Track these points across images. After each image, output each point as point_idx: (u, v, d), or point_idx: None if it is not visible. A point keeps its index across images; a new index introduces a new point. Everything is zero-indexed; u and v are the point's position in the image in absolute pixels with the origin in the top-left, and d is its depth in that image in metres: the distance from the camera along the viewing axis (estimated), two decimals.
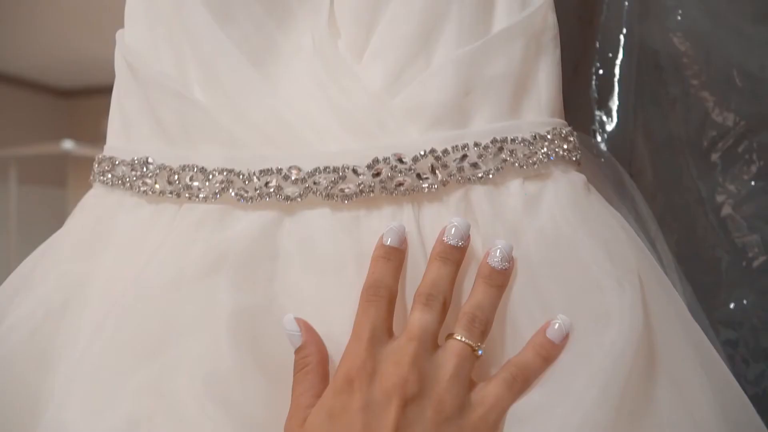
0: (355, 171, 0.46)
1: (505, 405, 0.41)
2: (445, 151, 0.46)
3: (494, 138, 0.47)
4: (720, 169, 0.64)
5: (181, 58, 0.52)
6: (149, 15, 0.54)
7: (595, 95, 0.66)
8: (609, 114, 0.66)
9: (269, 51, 0.51)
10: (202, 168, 0.48)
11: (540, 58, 0.51)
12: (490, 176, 0.47)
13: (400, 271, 0.45)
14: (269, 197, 0.47)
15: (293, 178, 0.46)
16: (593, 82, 0.66)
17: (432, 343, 0.42)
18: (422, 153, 0.46)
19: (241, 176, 0.47)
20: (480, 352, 0.42)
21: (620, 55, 0.65)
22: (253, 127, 0.49)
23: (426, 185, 0.46)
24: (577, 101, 0.67)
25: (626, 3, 0.65)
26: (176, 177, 0.49)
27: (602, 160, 0.64)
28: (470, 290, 0.44)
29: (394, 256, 0.44)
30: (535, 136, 0.48)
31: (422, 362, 0.41)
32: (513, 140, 0.47)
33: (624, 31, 0.65)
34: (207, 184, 0.48)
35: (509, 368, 0.42)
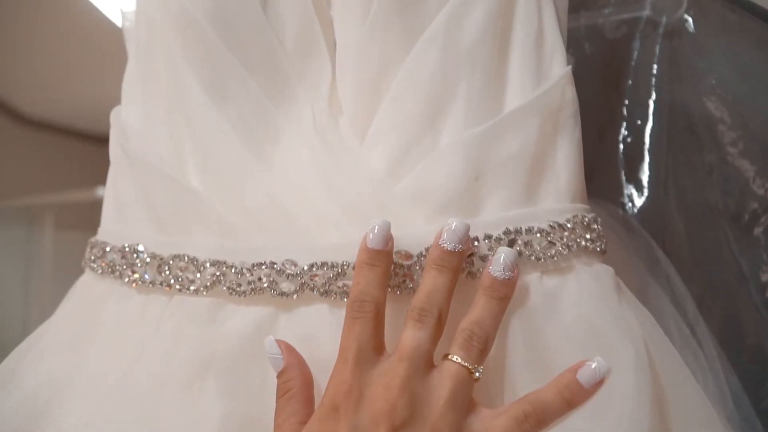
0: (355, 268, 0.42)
1: None
2: None
3: (507, 229, 0.43)
4: (763, 244, 0.58)
5: (178, 138, 0.50)
6: (146, 93, 0.52)
7: (623, 164, 0.61)
8: (639, 185, 0.61)
9: (267, 131, 0.48)
10: (194, 258, 0.45)
11: (558, 137, 0.46)
12: None
13: (387, 277, 0.41)
14: (263, 292, 0.44)
15: (288, 272, 0.43)
16: (620, 151, 0.61)
17: (425, 363, 0.38)
18: (427, 248, 0.42)
19: (233, 269, 0.44)
20: (478, 374, 0.38)
21: (650, 123, 0.61)
22: (248, 213, 0.46)
23: None
24: (603, 171, 0.62)
25: (655, 66, 0.61)
26: (167, 267, 0.46)
27: (633, 235, 0.59)
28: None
29: (379, 260, 0.40)
30: (553, 225, 0.44)
31: (414, 385, 0.37)
32: (528, 230, 0.43)
33: (654, 96, 0.60)
34: (198, 275, 0.45)
35: (523, 404, 0.38)
